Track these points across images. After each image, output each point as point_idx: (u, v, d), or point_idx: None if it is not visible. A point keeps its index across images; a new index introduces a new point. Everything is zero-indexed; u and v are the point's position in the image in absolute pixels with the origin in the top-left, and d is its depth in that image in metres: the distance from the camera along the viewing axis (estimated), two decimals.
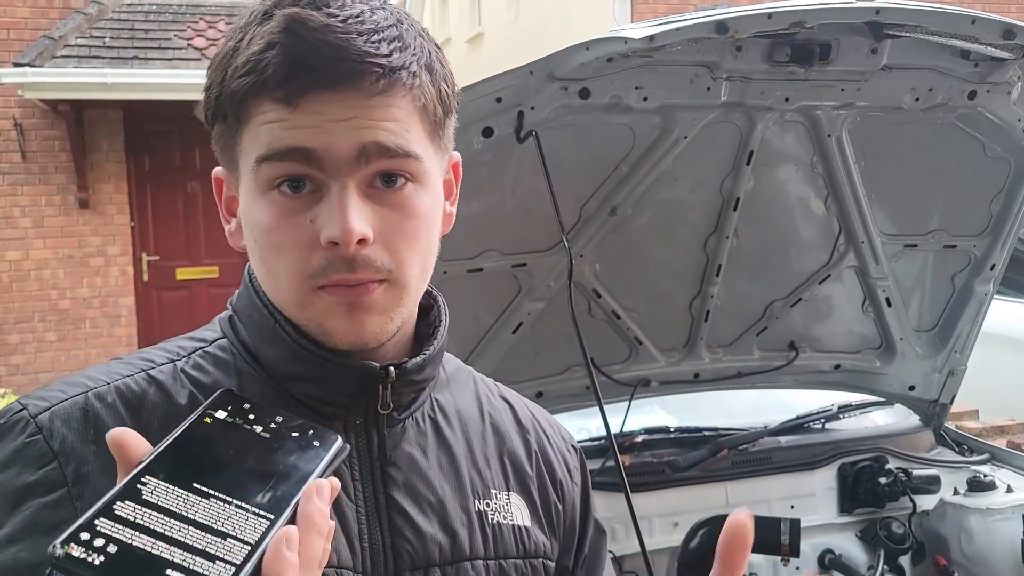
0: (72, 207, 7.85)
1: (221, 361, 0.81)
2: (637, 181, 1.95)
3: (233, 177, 0.80)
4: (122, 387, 0.77)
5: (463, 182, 1.98)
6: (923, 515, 2.31)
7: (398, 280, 0.76)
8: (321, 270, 0.73)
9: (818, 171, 2.08)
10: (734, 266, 2.16)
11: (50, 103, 7.47)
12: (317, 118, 0.72)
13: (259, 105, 0.73)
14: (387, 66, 0.72)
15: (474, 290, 1.97)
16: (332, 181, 0.73)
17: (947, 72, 1.89)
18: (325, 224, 0.72)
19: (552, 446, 0.98)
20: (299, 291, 0.75)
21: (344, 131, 0.72)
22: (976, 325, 2.38)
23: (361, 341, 0.76)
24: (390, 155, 0.74)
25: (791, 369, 2.37)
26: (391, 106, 0.74)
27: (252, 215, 0.76)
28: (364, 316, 0.75)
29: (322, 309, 0.75)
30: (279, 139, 0.72)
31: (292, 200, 0.73)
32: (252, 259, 0.80)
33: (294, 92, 0.71)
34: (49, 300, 7.90)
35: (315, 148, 0.72)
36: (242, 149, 0.76)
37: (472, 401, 0.94)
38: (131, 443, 0.56)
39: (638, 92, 1.77)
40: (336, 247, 0.72)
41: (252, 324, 0.82)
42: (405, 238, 0.76)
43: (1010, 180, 2.17)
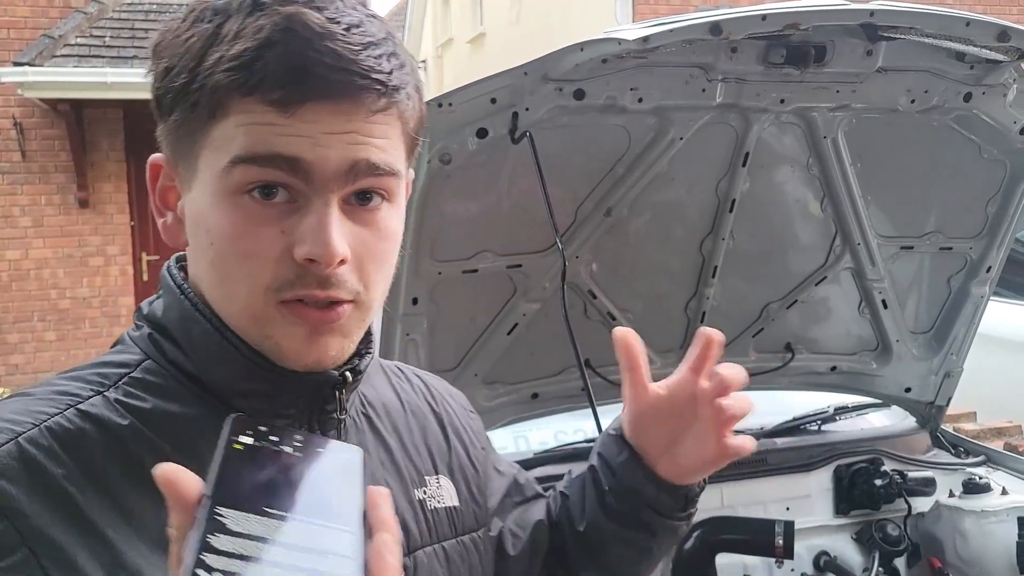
0: (72, 206, 7.87)
1: (153, 386, 0.75)
2: (632, 182, 1.95)
3: (182, 169, 0.74)
4: (54, 427, 0.69)
5: (458, 183, 1.98)
6: (918, 517, 2.31)
7: (364, 303, 0.75)
8: (288, 283, 0.70)
9: (814, 173, 2.08)
10: (730, 267, 2.16)
11: (50, 102, 7.49)
12: (312, 128, 0.69)
13: (247, 104, 0.69)
14: (389, 85, 0.71)
15: (469, 291, 1.97)
16: (315, 195, 0.70)
17: (942, 74, 1.89)
18: (303, 240, 0.69)
19: (458, 418, 1.00)
20: (257, 304, 0.72)
21: (338, 145, 0.70)
22: (972, 327, 2.38)
23: (320, 365, 0.74)
24: (377, 173, 0.72)
25: (787, 371, 2.37)
26: (384, 124, 0.73)
27: (211, 217, 0.71)
28: (327, 339, 0.73)
29: (282, 328, 0.72)
30: (266, 143, 0.69)
31: (263, 207, 0.70)
32: (199, 263, 0.75)
33: (292, 98, 0.68)
34: (49, 300, 7.92)
35: (306, 159, 0.69)
36: (209, 143, 0.71)
37: (388, 389, 0.95)
38: (182, 479, 0.53)
39: (633, 93, 1.77)
40: (312, 264, 0.70)
41: (191, 342, 0.76)
42: (375, 260, 0.75)
43: (1006, 182, 2.17)
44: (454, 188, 1.79)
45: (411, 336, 1.92)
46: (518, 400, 2.17)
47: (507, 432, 2.31)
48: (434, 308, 1.93)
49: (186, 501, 0.52)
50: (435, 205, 1.79)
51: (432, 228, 1.83)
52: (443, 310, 1.95)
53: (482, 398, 2.12)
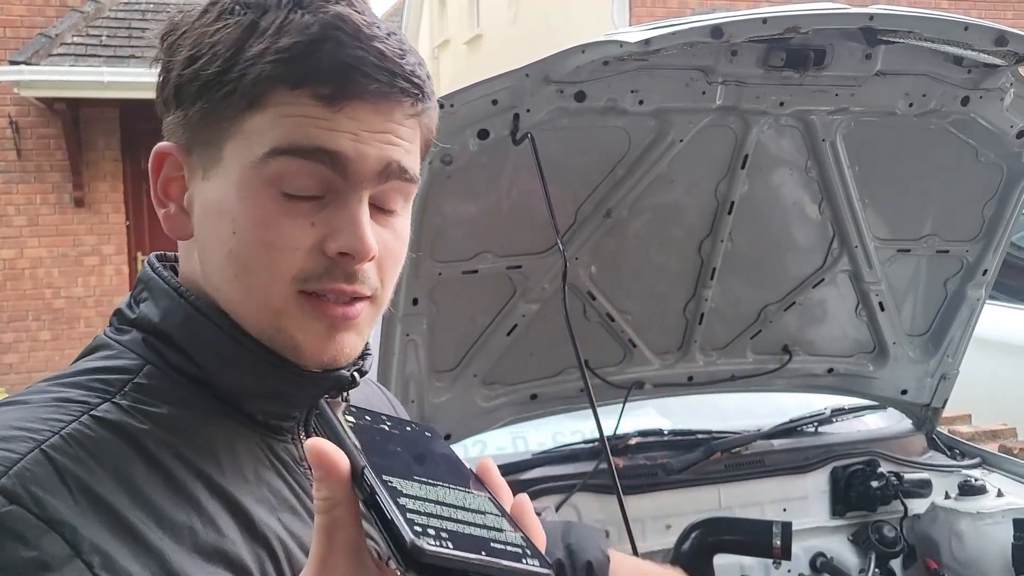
0: (67, 205, 7.85)
1: (161, 392, 0.73)
2: (632, 184, 1.95)
3: (197, 157, 0.74)
4: (75, 434, 0.66)
5: (459, 183, 1.99)
6: (914, 519, 2.32)
7: (378, 300, 0.76)
8: (316, 275, 0.71)
9: (812, 175, 2.09)
10: (728, 269, 2.17)
11: (46, 101, 7.47)
12: (355, 125, 0.70)
13: (293, 96, 0.69)
14: (424, 91, 0.74)
15: (469, 292, 1.98)
16: (351, 192, 0.71)
17: (940, 78, 1.90)
18: (338, 234, 0.70)
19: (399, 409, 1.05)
20: (278, 295, 0.71)
21: (376, 144, 0.71)
22: (968, 330, 2.39)
23: (336, 363, 0.75)
24: (404, 178, 0.74)
25: (784, 372, 2.38)
26: (414, 128, 0.75)
27: (238, 206, 0.71)
28: (344, 336, 0.74)
29: (300, 321, 0.72)
30: (308, 136, 0.69)
31: (292, 201, 0.71)
32: (213, 254, 0.74)
33: (341, 94, 0.69)
34: (43, 299, 7.90)
35: (347, 154, 0.70)
36: (240, 132, 0.71)
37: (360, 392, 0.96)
38: (334, 453, 0.53)
39: (634, 95, 1.78)
40: (344, 258, 0.70)
41: (200, 347, 0.74)
42: (393, 260, 0.77)
43: (1003, 186, 2.18)
44: (455, 189, 1.79)
45: (411, 337, 1.93)
46: (517, 401, 2.18)
47: (506, 433, 2.32)
48: (434, 309, 1.94)
49: (340, 473, 0.52)
50: (436, 206, 1.80)
51: (432, 228, 1.83)
52: (443, 311, 1.96)
53: (481, 399, 2.13)
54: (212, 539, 0.67)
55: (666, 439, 2.35)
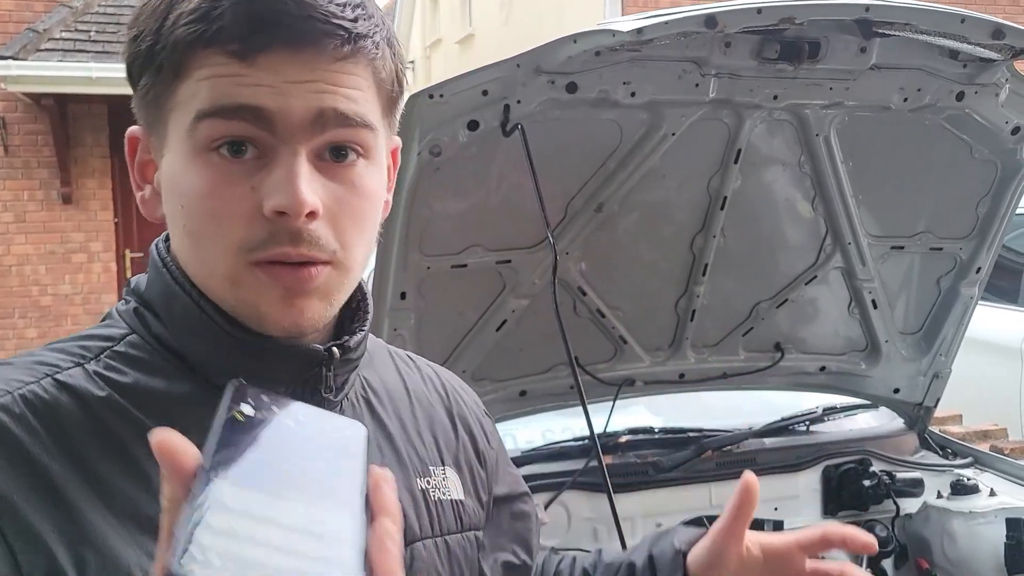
0: (55, 202, 7.78)
1: (136, 360, 0.73)
2: (624, 178, 1.93)
3: (156, 137, 0.73)
4: (28, 395, 0.67)
5: (448, 176, 1.96)
6: (906, 518, 2.31)
7: (342, 263, 0.72)
8: (261, 243, 0.68)
9: (806, 171, 2.07)
10: (720, 266, 2.14)
11: (34, 97, 7.41)
12: (274, 77, 0.67)
13: (207, 56, 0.67)
14: (352, 31, 0.69)
15: (458, 286, 1.95)
16: (282, 146, 0.68)
17: (936, 72, 1.89)
18: (272, 192, 0.67)
19: (470, 413, 0.97)
20: (233, 265, 0.69)
21: (302, 94, 0.68)
22: (961, 328, 2.38)
23: (298, 328, 0.71)
24: (347, 123, 0.70)
25: (776, 370, 2.36)
26: (353, 74, 0.70)
27: (182, 179, 0.69)
28: (304, 301, 0.71)
29: (256, 289, 0.70)
30: (228, 95, 0.67)
31: (232, 164, 0.68)
32: (175, 230, 0.73)
33: (252, 47, 0.66)
34: (30, 296, 7.83)
35: (269, 108, 0.67)
36: (176, 104, 0.69)
37: (395, 375, 0.92)
38: (180, 447, 0.49)
39: (626, 87, 1.75)
40: (282, 218, 0.67)
41: (172, 315, 0.74)
42: (353, 218, 0.72)
43: (996, 183, 2.17)
44: (444, 181, 1.76)
45: (399, 331, 1.90)
46: (506, 397, 2.15)
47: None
48: (422, 303, 1.91)
49: (183, 472, 0.48)
50: (424, 198, 1.77)
51: (421, 221, 1.80)
52: (431, 305, 1.93)
53: None
54: (154, 510, 0.64)
55: (657, 437, 2.32)
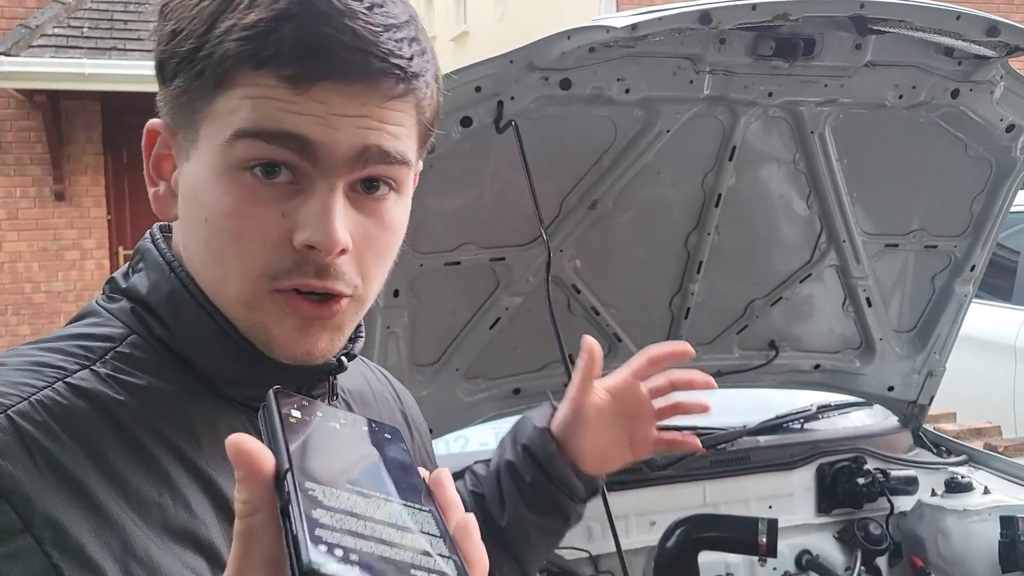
0: (48, 199, 7.75)
1: (143, 362, 0.71)
2: (618, 175, 1.92)
3: (181, 137, 0.71)
4: (45, 401, 0.64)
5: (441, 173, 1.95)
6: (900, 516, 2.30)
7: (360, 297, 0.72)
8: (284, 272, 0.67)
9: (800, 168, 2.06)
10: (715, 263, 2.14)
11: (26, 93, 7.38)
12: (324, 108, 0.65)
13: (257, 77, 0.65)
14: (408, 71, 0.68)
15: (451, 284, 1.94)
16: (321, 179, 0.67)
17: (931, 70, 1.88)
18: (305, 224, 0.66)
19: (417, 416, 1.04)
20: (251, 290, 0.69)
21: (350, 129, 0.67)
22: (956, 326, 2.37)
23: (309, 358, 0.71)
24: (388, 161, 0.69)
25: (771, 368, 2.35)
26: (400, 112, 0.69)
27: (208, 192, 0.68)
28: (319, 332, 0.71)
29: (272, 316, 0.69)
30: (274, 120, 0.65)
31: (264, 187, 0.67)
32: (193, 240, 0.72)
33: (307, 76, 0.65)
34: (23, 293, 7.80)
35: (316, 140, 0.66)
36: (212, 114, 0.68)
37: (359, 378, 0.94)
38: (258, 451, 0.48)
39: (620, 84, 1.75)
40: (311, 252, 0.66)
41: (180, 323, 0.72)
42: (377, 252, 0.72)
43: (991, 181, 2.16)
44: (437, 178, 1.74)
45: (392, 329, 1.89)
46: (500, 395, 2.14)
47: (488, 428, 2.28)
48: (415, 301, 1.90)
49: (262, 475, 0.47)
50: (417, 195, 1.71)
51: (414, 219, 1.74)
52: (424, 303, 1.92)
53: (463, 393, 2.09)
54: (182, 519, 0.65)
55: None
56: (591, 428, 1.13)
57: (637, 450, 1.17)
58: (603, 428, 1.14)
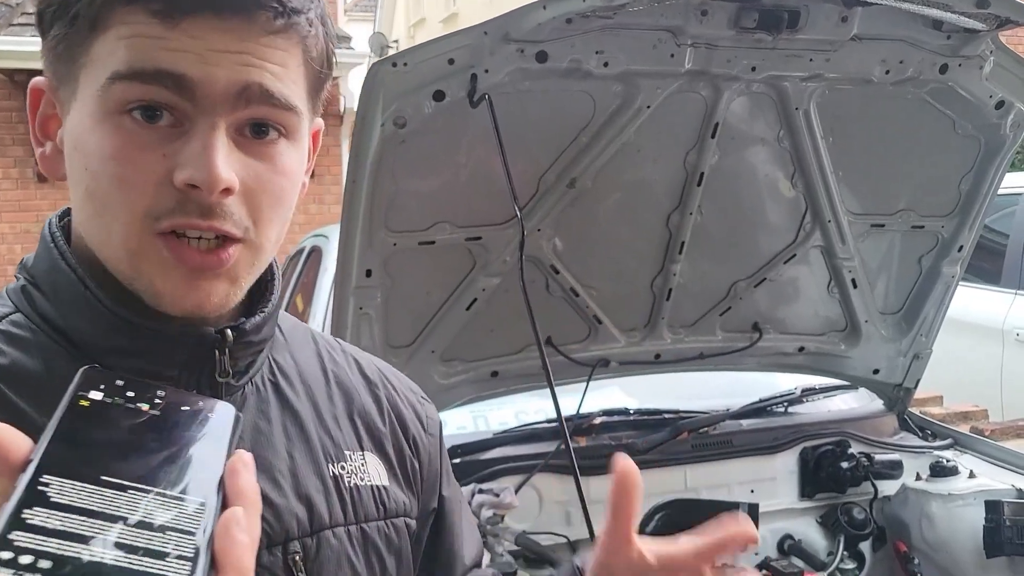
0: (30, 180, 7.65)
1: (17, 339, 0.68)
2: (597, 152, 1.87)
3: (64, 91, 0.68)
4: None
5: (414, 149, 1.88)
6: (884, 500, 2.28)
7: (254, 242, 0.68)
8: (167, 211, 0.64)
9: (785, 146, 2.02)
10: (697, 244, 2.09)
11: (7, 72, 7.27)
12: (200, 44, 0.63)
13: (128, 14, 0.63)
14: (287, 5, 0.65)
15: (425, 264, 1.89)
16: (201, 117, 0.64)
17: (919, 44, 1.83)
18: (185, 163, 0.63)
19: (402, 400, 0.93)
20: (134, 235, 0.65)
21: (228, 65, 0.64)
22: (942, 308, 2.34)
23: (201, 311, 0.67)
24: (271, 103, 0.66)
25: (754, 351, 2.31)
26: (282, 50, 0.67)
27: (89, 140, 0.65)
28: (210, 283, 0.67)
29: (158, 264, 0.65)
30: (149, 58, 0.62)
31: (144, 129, 0.64)
32: (76, 193, 0.68)
33: (177, 8, 0.62)
34: (6, 276, 7.70)
35: (192, 77, 0.63)
36: (90, 60, 0.65)
37: (313, 359, 0.87)
38: (9, 439, 0.45)
39: (599, 57, 1.69)
40: (193, 191, 0.63)
41: (56, 292, 0.70)
42: (270, 196, 0.68)
43: (980, 159, 2.12)
44: (409, 154, 1.70)
45: (364, 310, 1.84)
46: (477, 378, 2.10)
47: (466, 411, 2.24)
48: (389, 281, 1.85)
49: (11, 465, 0.45)
50: (389, 171, 1.70)
51: (386, 196, 1.74)
52: (398, 283, 1.87)
53: (439, 376, 2.04)
54: None
55: (632, 419, 2.28)
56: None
57: None
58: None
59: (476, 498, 1.96)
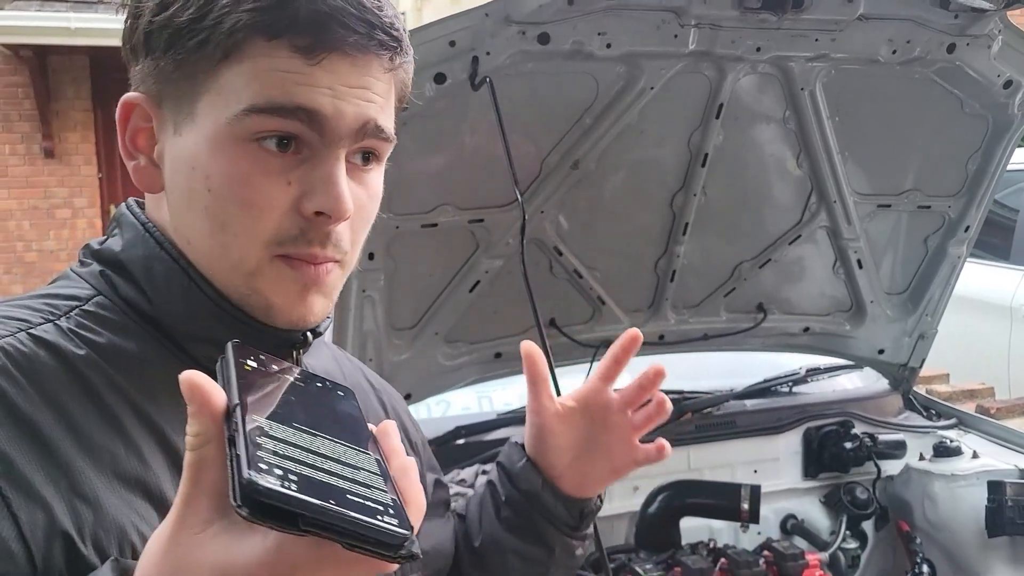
0: (37, 156, 7.67)
1: (108, 321, 0.72)
2: (601, 134, 1.86)
3: (168, 110, 0.71)
4: (7, 347, 0.66)
5: (416, 131, 1.89)
6: (888, 480, 2.28)
7: (347, 263, 0.75)
8: (291, 239, 0.69)
9: (790, 127, 2.00)
10: (702, 225, 2.08)
11: (12, 48, 7.26)
12: (333, 79, 0.68)
13: (271, 48, 0.66)
14: (401, 43, 0.72)
15: (428, 246, 1.89)
16: (326, 149, 0.69)
17: (926, 23, 1.81)
18: (314, 192, 0.68)
19: (398, 403, 1.02)
20: (255, 256, 0.70)
21: (354, 101, 0.69)
22: (948, 288, 2.33)
23: (304, 323, 0.74)
24: (381, 137, 0.72)
25: (759, 331, 2.31)
26: (388, 85, 0.73)
27: (212, 163, 0.69)
28: (315, 297, 0.73)
29: (274, 281, 0.71)
30: (288, 94, 0.67)
31: (272, 157, 0.68)
32: (189, 212, 0.72)
33: (321, 46, 0.67)
34: (15, 252, 7.76)
35: (326, 112, 0.68)
36: (216, 87, 0.68)
37: (331, 362, 0.94)
38: (210, 388, 0.50)
39: (601, 38, 1.67)
40: (320, 218, 0.68)
41: (153, 279, 0.73)
42: (364, 221, 0.75)
43: (987, 139, 2.10)
44: (411, 137, 1.69)
45: (367, 293, 1.84)
46: (481, 360, 2.10)
47: (470, 392, 2.25)
48: (392, 264, 1.85)
49: (213, 409, 0.50)
50: (392, 154, 1.69)
51: (389, 179, 1.71)
52: (401, 266, 1.87)
53: (443, 357, 2.05)
54: (133, 467, 0.67)
55: None
56: (557, 442, 0.98)
57: (618, 465, 0.99)
58: (573, 442, 0.98)
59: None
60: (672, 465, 2.14)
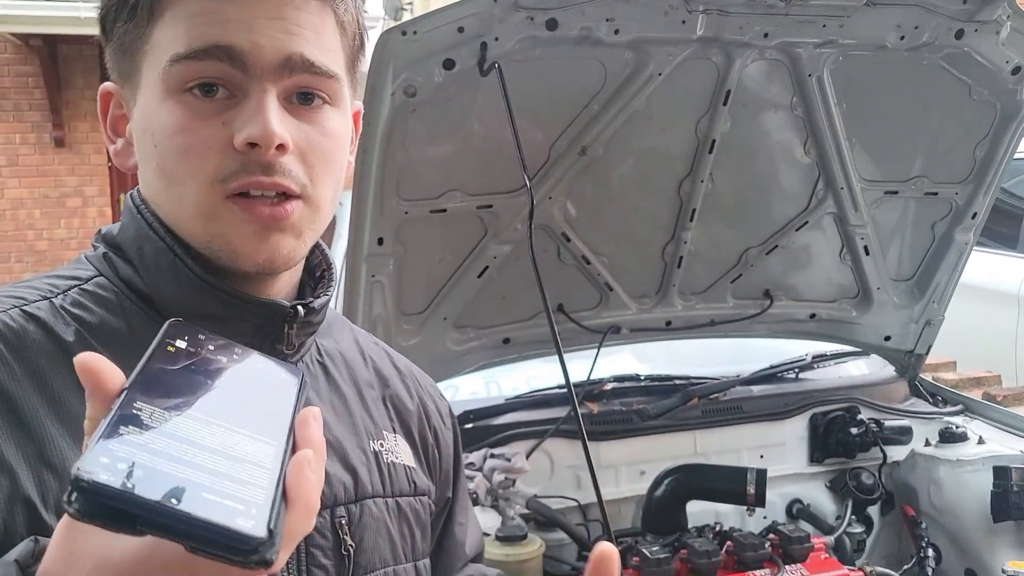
0: (47, 145, 7.71)
1: (103, 300, 0.75)
2: (609, 120, 1.86)
3: (129, 87, 0.74)
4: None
5: (425, 117, 1.89)
6: (893, 466, 2.29)
7: (312, 199, 0.74)
8: (233, 173, 0.70)
9: (798, 113, 2.00)
10: (709, 211, 2.09)
11: (22, 37, 7.29)
12: (245, 12, 0.68)
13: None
14: None
15: (437, 232, 1.90)
16: (253, 85, 0.70)
17: (934, 9, 1.81)
18: (243, 125, 0.69)
19: (427, 393, 0.99)
20: (207, 199, 0.70)
21: (271, 32, 0.69)
22: (955, 275, 2.33)
23: (271, 264, 0.73)
24: (313, 71, 0.72)
25: (765, 318, 2.32)
26: (317, 18, 0.72)
27: (155, 119, 0.71)
28: (278, 237, 0.73)
29: (230, 223, 0.71)
30: (202, 35, 0.68)
31: (204, 103, 0.70)
32: (148, 173, 0.74)
33: None
34: (26, 240, 7.80)
35: (240, 46, 0.69)
36: (151, 47, 0.71)
37: (353, 345, 0.94)
38: (105, 370, 0.50)
39: (609, 24, 1.68)
40: (253, 149, 0.69)
41: (143, 258, 0.75)
42: (321, 156, 0.74)
43: (995, 125, 2.10)
44: (420, 122, 1.70)
45: (376, 278, 1.86)
46: (489, 345, 2.12)
47: (478, 377, 2.27)
48: (401, 249, 1.86)
49: (105, 392, 0.49)
50: (400, 140, 1.71)
51: (397, 165, 1.75)
52: (410, 251, 1.88)
53: (452, 342, 2.07)
54: None
55: (642, 384, 2.30)
56: None
57: None
58: None
59: (488, 463, 1.99)
60: (679, 449, 2.16)
